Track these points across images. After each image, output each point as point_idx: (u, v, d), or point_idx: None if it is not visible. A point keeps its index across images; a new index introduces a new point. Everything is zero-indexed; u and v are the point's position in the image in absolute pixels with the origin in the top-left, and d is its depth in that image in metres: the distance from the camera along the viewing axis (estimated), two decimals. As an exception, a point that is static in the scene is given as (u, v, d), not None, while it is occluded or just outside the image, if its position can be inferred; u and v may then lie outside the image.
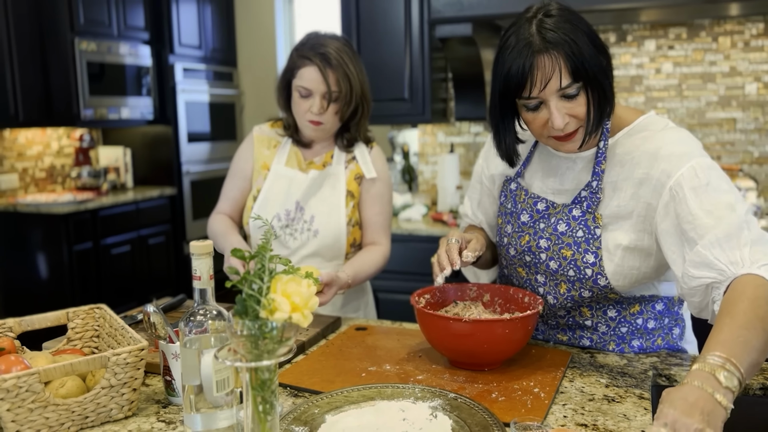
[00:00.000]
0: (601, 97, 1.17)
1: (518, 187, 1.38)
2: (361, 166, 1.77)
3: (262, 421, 0.85)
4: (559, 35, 1.12)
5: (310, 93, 1.66)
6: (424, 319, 1.26)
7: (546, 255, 1.30)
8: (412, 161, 3.68)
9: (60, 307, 3.62)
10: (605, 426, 1.03)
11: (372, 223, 1.78)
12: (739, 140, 3.01)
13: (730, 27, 2.96)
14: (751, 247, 1.06)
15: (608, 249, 1.24)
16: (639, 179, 1.21)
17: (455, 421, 1.01)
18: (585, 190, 1.26)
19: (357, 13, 3.23)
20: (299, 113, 1.70)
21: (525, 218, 1.35)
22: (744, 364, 0.91)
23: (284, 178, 1.76)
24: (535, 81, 1.14)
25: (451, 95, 3.49)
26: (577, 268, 1.26)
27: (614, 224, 1.24)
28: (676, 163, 1.16)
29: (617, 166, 1.25)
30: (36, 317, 1.26)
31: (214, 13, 5.06)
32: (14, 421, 0.98)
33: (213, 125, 5.09)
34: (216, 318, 0.96)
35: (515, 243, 1.36)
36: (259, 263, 0.83)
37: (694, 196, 1.12)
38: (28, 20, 3.99)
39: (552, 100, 1.16)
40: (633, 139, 1.24)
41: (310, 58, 1.64)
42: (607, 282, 1.25)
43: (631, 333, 1.35)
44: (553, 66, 1.13)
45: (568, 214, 1.28)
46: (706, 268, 1.08)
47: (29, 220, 3.96)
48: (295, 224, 1.73)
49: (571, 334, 1.39)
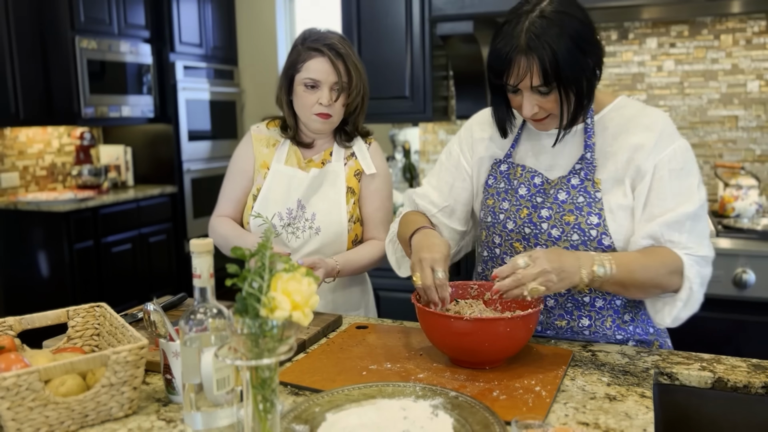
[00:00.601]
0: (577, 96, 1.27)
1: (511, 166, 1.44)
2: (360, 162, 1.77)
3: (263, 419, 0.84)
4: (540, 42, 1.21)
5: (317, 84, 1.66)
6: (424, 317, 1.26)
7: (548, 224, 1.35)
8: (413, 159, 3.68)
9: (61, 305, 3.61)
10: (607, 425, 1.03)
11: (372, 219, 1.78)
12: (740, 138, 3.01)
13: (732, 24, 2.95)
14: (688, 235, 1.28)
15: (611, 210, 1.32)
16: (635, 146, 1.32)
17: (456, 419, 1.01)
18: (579, 162, 1.35)
19: (358, 11, 3.22)
20: (305, 107, 1.69)
21: (523, 191, 1.40)
22: (621, 268, 1.20)
23: (284, 176, 1.75)
24: (512, 74, 1.26)
25: (453, 93, 3.48)
26: (582, 230, 1.32)
27: (612, 187, 1.33)
28: (667, 141, 1.30)
29: (609, 137, 1.35)
30: (36, 316, 1.26)
31: (215, 11, 5.06)
32: (14, 419, 0.98)
33: (214, 123, 5.08)
34: (216, 316, 0.95)
35: (514, 216, 1.40)
36: (260, 261, 0.83)
37: (669, 177, 1.29)
38: (28, 18, 3.99)
39: (525, 92, 1.28)
40: (621, 111, 1.37)
41: (319, 49, 1.65)
42: (611, 242, 1.32)
43: (625, 306, 1.40)
44: (528, 67, 1.23)
45: (567, 183, 1.35)
46: (651, 239, 1.29)
47: (30, 219, 3.96)
48: (296, 222, 1.72)
49: (569, 317, 1.41)
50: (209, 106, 5.02)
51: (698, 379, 1.24)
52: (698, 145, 3.06)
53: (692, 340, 2.44)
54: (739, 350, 2.35)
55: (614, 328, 1.40)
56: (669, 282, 1.27)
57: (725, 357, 1.32)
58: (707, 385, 1.24)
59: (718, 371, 1.24)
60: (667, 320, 1.31)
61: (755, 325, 2.37)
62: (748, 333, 2.37)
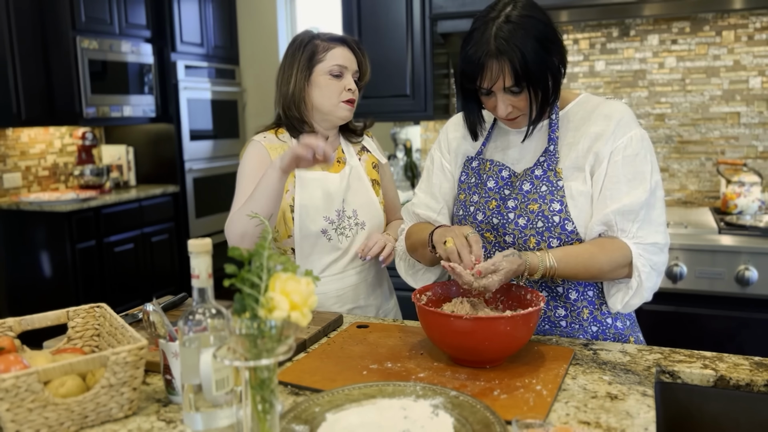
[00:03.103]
0: (544, 93, 1.34)
1: (481, 162, 1.50)
2: (373, 154, 1.86)
3: (262, 420, 0.84)
4: (510, 45, 1.29)
5: (343, 72, 1.70)
6: (425, 316, 1.26)
7: (514, 214, 1.41)
8: (414, 157, 3.67)
9: (64, 305, 3.63)
10: (608, 424, 1.02)
11: (392, 205, 1.89)
12: (743, 134, 2.99)
13: (733, 21, 2.94)
14: (640, 224, 1.35)
15: (572, 196, 1.38)
16: (595, 134, 1.38)
17: (457, 419, 1.01)
18: (543, 155, 1.42)
19: (358, 10, 3.22)
20: (332, 96, 1.69)
21: (491, 184, 1.46)
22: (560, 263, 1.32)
23: (317, 182, 1.71)
24: (485, 78, 1.33)
25: (453, 91, 3.47)
26: (545, 217, 1.38)
27: (573, 175, 1.40)
28: (623, 130, 1.37)
29: (571, 130, 1.42)
30: (36, 317, 1.26)
31: (216, 11, 5.05)
32: (13, 420, 0.98)
33: (215, 123, 5.08)
34: (215, 317, 0.95)
35: (483, 208, 1.46)
36: (258, 261, 0.83)
37: (622, 163, 1.35)
38: (29, 19, 3.99)
39: (499, 93, 1.35)
40: (584, 106, 1.44)
41: (339, 39, 1.72)
42: (573, 227, 1.37)
43: (598, 296, 1.44)
44: (500, 70, 1.31)
45: (531, 174, 1.42)
46: (605, 226, 1.36)
47: (32, 219, 3.96)
48: (343, 222, 1.73)
49: (546, 307, 1.45)
50: (211, 106, 5.02)
51: (700, 378, 1.24)
52: (700, 142, 3.05)
53: (694, 337, 2.43)
54: (741, 348, 2.35)
55: (591, 319, 1.44)
56: (617, 273, 1.36)
57: (727, 355, 1.31)
58: (709, 383, 1.23)
59: (721, 369, 1.24)
60: (618, 305, 1.39)
61: (758, 323, 2.36)
62: (751, 330, 2.36)
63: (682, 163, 3.09)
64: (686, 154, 3.08)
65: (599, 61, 3.18)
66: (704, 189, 3.08)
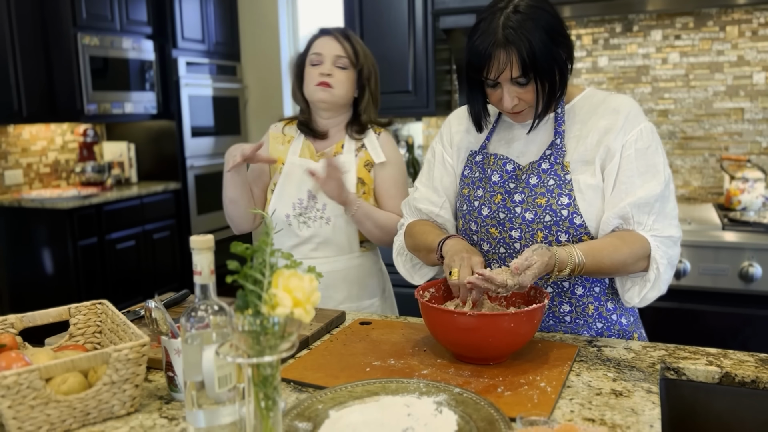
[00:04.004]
0: (551, 86, 1.33)
1: (485, 156, 1.48)
2: (369, 153, 1.80)
3: (265, 417, 0.84)
4: (518, 34, 1.27)
5: (321, 59, 1.74)
6: (428, 313, 1.25)
7: (521, 208, 1.39)
8: (416, 154, 3.67)
9: (65, 302, 3.62)
10: (613, 421, 1.02)
11: (390, 206, 1.79)
12: (746, 130, 2.98)
13: (737, 16, 2.93)
14: (656, 217, 1.34)
15: (580, 190, 1.37)
16: (604, 128, 1.38)
17: (460, 416, 1.00)
18: (549, 148, 1.40)
19: (360, 5, 3.21)
20: (310, 82, 1.76)
21: (496, 178, 1.44)
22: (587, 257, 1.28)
23: (297, 167, 1.79)
24: (492, 68, 1.31)
25: (456, 87, 3.46)
26: (553, 211, 1.36)
27: (581, 168, 1.38)
28: (632, 123, 1.37)
29: (578, 123, 1.41)
30: (38, 313, 1.25)
31: (217, 7, 5.04)
32: (15, 418, 0.97)
33: (217, 119, 5.07)
34: (217, 313, 0.95)
35: (488, 203, 1.44)
36: (260, 258, 0.82)
37: (635, 156, 1.35)
38: (30, 15, 3.99)
39: (505, 85, 1.33)
40: (590, 99, 1.43)
41: (327, 31, 1.78)
42: (582, 221, 1.36)
43: (604, 292, 1.42)
44: (507, 60, 1.29)
45: (537, 168, 1.40)
46: (621, 219, 1.35)
47: (34, 216, 3.96)
48: (308, 213, 1.76)
49: (550, 302, 1.43)
50: (212, 102, 5.01)
51: (705, 374, 1.23)
52: (704, 138, 3.04)
53: (698, 334, 2.43)
54: (745, 344, 2.34)
55: (596, 315, 1.43)
56: (636, 267, 1.34)
57: (732, 351, 1.30)
58: (714, 380, 1.22)
59: (726, 366, 1.23)
60: (635, 300, 1.37)
61: (762, 319, 2.35)
62: (755, 327, 2.36)
63: (685, 159, 3.08)
64: (690, 150, 3.07)
65: (602, 57, 3.17)
66: (708, 185, 3.07)
